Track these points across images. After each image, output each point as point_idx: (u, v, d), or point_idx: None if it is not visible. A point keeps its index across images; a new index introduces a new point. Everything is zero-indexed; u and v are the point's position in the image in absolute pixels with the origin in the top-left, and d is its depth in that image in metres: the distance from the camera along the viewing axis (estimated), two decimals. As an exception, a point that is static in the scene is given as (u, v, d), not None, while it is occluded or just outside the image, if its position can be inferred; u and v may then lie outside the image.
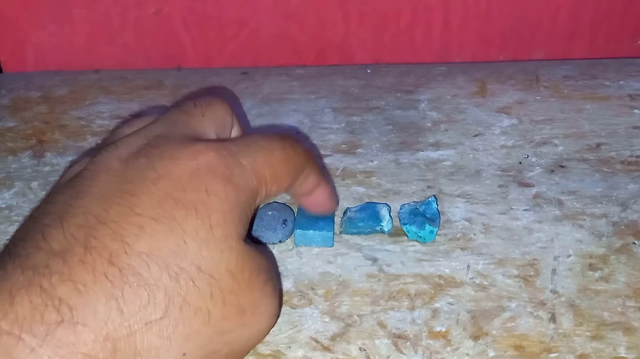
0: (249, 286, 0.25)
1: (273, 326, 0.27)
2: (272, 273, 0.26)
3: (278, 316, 0.27)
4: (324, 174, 0.32)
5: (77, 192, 0.25)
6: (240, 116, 0.43)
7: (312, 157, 0.30)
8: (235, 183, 0.26)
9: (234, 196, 0.25)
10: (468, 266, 0.33)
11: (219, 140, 0.28)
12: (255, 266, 0.26)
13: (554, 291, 0.31)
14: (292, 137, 0.30)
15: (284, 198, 0.37)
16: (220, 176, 0.25)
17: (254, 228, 0.34)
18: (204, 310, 0.24)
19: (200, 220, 0.24)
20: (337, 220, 0.35)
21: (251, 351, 0.28)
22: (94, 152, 0.29)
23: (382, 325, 0.30)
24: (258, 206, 0.28)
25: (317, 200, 0.32)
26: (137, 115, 0.30)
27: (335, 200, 0.34)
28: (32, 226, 0.24)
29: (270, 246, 0.34)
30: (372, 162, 0.39)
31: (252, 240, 0.34)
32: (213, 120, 0.29)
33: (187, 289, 0.23)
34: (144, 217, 0.24)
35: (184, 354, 0.24)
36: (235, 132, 0.31)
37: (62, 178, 0.29)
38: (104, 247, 0.23)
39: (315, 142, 0.41)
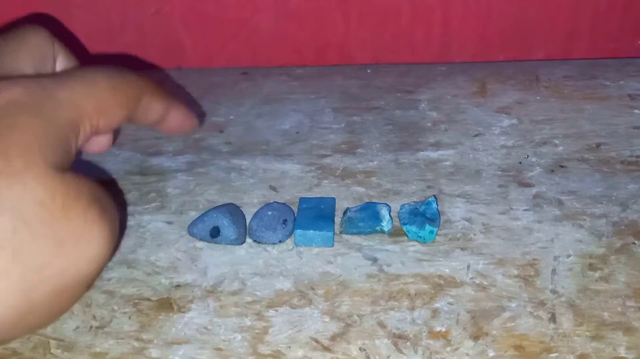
0: (65, 214, 0.23)
1: (107, 254, 0.25)
2: (100, 198, 0.25)
3: (113, 243, 0.25)
4: (172, 98, 0.30)
5: None
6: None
7: (152, 85, 0.29)
8: (45, 116, 0.24)
9: (42, 128, 0.24)
10: (468, 266, 0.33)
11: (35, 75, 0.26)
12: (72, 192, 0.24)
13: (554, 291, 0.31)
14: (124, 69, 0.28)
15: (282, 197, 0.37)
16: (25, 110, 0.24)
17: (254, 228, 0.34)
18: (9, 247, 0.22)
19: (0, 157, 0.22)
20: (337, 220, 0.35)
21: (251, 351, 0.28)
22: None
23: (382, 325, 0.30)
24: (86, 141, 0.27)
25: (172, 125, 0.31)
26: None
27: (193, 119, 0.32)
28: None
29: (270, 246, 0.34)
30: (372, 162, 0.39)
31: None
32: (29, 54, 0.28)
33: None
34: None
35: None
36: (63, 62, 0.30)
37: None
38: None
39: (315, 142, 0.41)
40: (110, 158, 0.40)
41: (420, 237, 0.34)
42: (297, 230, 0.33)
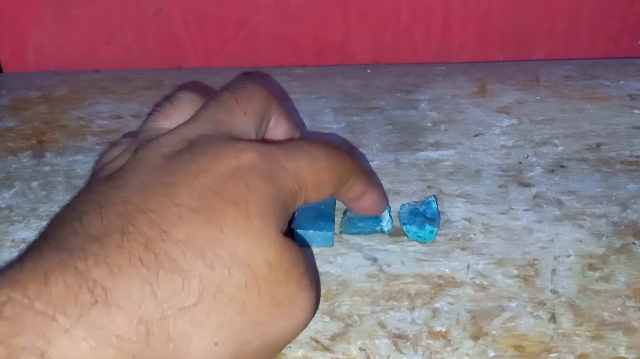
0: (285, 278, 0.25)
1: (309, 321, 0.26)
2: (309, 267, 0.26)
3: (314, 311, 0.27)
4: (372, 180, 0.32)
5: (117, 184, 0.25)
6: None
7: (359, 166, 0.31)
8: (276, 183, 0.26)
9: (274, 193, 0.25)
10: (468, 266, 0.33)
11: (264, 142, 0.28)
12: (293, 259, 0.25)
13: (554, 291, 0.31)
14: (338, 146, 0.30)
15: (284, 198, 0.37)
16: (260, 174, 0.26)
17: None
18: (238, 299, 0.24)
19: (239, 212, 0.24)
20: (337, 220, 0.35)
21: (251, 351, 0.28)
22: (132, 144, 0.29)
23: (382, 325, 0.30)
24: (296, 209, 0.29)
25: (364, 205, 0.32)
26: (168, 100, 0.30)
27: (385, 202, 0.34)
28: (69, 214, 0.24)
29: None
30: (372, 162, 0.39)
31: None
32: (254, 116, 0.29)
33: (222, 277, 0.23)
34: (183, 207, 0.24)
35: (216, 344, 0.23)
36: (279, 122, 0.31)
37: (98, 167, 0.29)
38: (141, 233, 0.23)
39: (315, 142, 0.41)
40: (110, 158, 0.40)
41: (420, 237, 0.34)
42: (297, 230, 0.33)
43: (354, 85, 0.46)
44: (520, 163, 0.39)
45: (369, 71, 0.48)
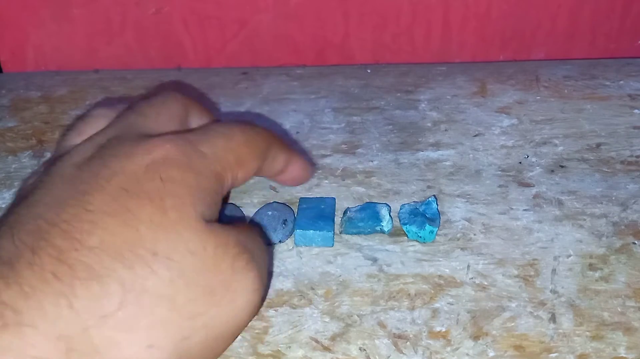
0: (215, 264, 0.24)
1: (256, 303, 0.25)
2: (248, 247, 0.25)
3: (261, 292, 0.25)
4: (292, 148, 0.31)
5: (30, 202, 0.24)
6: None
7: (276, 137, 0.30)
8: (195, 170, 0.25)
9: (193, 181, 0.25)
10: (468, 266, 0.33)
11: (176, 132, 0.27)
12: (220, 243, 0.24)
13: (554, 291, 0.31)
14: (251, 122, 0.29)
15: (282, 197, 0.37)
16: (177, 164, 0.25)
17: (254, 228, 0.34)
18: (166, 296, 0.22)
19: (154, 207, 0.23)
20: (337, 220, 0.35)
21: (251, 351, 0.28)
22: (46, 163, 0.28)
23: (382, 325, 0.30)
24: (226, 194, 0.28)
25: (292, 175, 0.32)
26: (81, 118, 0.30)
27: (311, 168, 0.33)
28: None
29: (270, 246, 0.34)
30: (372, 162, 0.39)
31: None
32: (168, 117, 0.29)
33: (144, 276, 0.22)
34: (96, 214, 0.23)
35: (151, 346, 0.22)
36: (196, 119, 0.31)
37: (18, 192, 0.28)
38: (52, 247, 0.22)
39: (315, 142, 0.41)
40: (110, 158, 0.41)
41: (420, 237, 0.34)
42: (297, 230, 0.34)
43: (354, 85, 0.46)
44: (520, 163, 0.39)
45: (368, 71, 0.48)
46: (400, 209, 0.35)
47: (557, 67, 0.48)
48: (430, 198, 0.35)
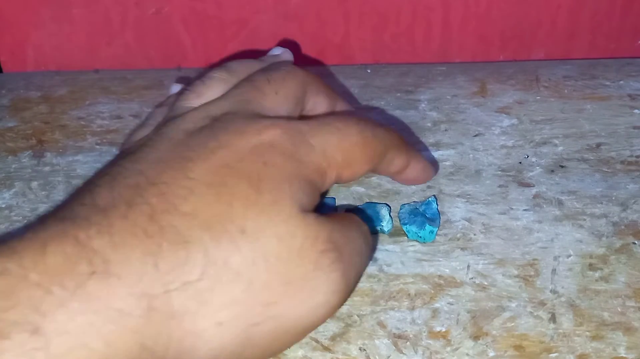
0: (299, 255, 0.23)
1: (335, 306, 0.24)
2: (340, 246, 0.24)
3: (342, 294, 0.24)
4: (413, 150, 0.31)
5: (135, 158, 0.25)
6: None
7: (397, 139, 0.29)
8: (298, 159, 0.25)
9: (294, 169, 0.24)
10: (468, 266, 0.33)
11: (291, 119, 0.27)
12: (311, 234, 0.24)
13: (554, 291, 0.31)
14: (374, 121, 0.28)
15: (284, 198, 0.37)
16: (282, 151, 0.25)
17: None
18: (245, 276, 0.22)
19: (251, 186, 0.23)
20: (337, 220, 0.35)
21: (251, 351, 0.28)
22: (160, 122, 0.28)
23: (382, 325, 0.30)
24: (327, 189, 0.27)
25: (409, 177, 0.31)
26: (200, 79, 0.30)
27: (431, 169, 0.33)
28: (84, 187, 0.24)
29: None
30: (372, 162, 0.39)
31: None
32: (285, 97, 0.28)
33: (229, 251, 0.22)
34: (195, 181, 0.23)
35: (220, 324, 0.22)
36: (316, 99, 0.30)
37: (125, 146, 0.29)
38: (148, 205, 0.22)
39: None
40: (110, 158, 0.40)
41: (420, 237, 0.34)
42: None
43: (354, 85, 0.46)
44: (520, 163, 0.39)
45: (369, 71, 0.48)
46: (400, 209, 0.35)
47: (557, 67, 0.48)
48: (430, 198, 0.36)
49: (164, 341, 0.21)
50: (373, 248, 0.31)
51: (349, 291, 0.25)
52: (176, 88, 0.33)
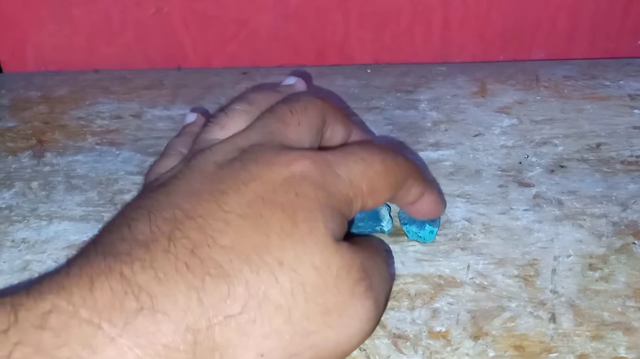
0: (335, 285, 0.24)
1: (369, 332, 0.25)
2: (370, 274, 0.25)
3: (375, 321, 0.25)
4: (429, 182, 0.31)
5: (168, 190, 0.25)
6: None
7: (415, 169, 0.30)
8: (328, 190, 0.25)
9: (325, 199, 0.25)
10: (468, 266, 0.33)
11: (316, 150, 0.28)
12: (346, 264, 0.24)
13: (554, 291, 0.31)
14: (393, 149, 0.29)
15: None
16: (312, 182, 0.25)
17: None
18: (285, 307, 0.23)
19: (286, 217, 0.24)
20: (337, 220, 0.35)
21: (251, 351, 0.28)
22: (187, 154, 0.29)
23: (382, 325, 0.30)
24: (352, 219, 0.28)
25: (422, 208, 0.32)
26: (223, 111, 0.31)
27: (443, 204, 0.33)
28: (119, 220, 0.24)
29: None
30: (372, 162, 0.39)
31: None
32: (308, 127, 0.29)
33: (268, 283, 0.23)
34: (231, 214, 0.24)
35: (262, 355, 0.23)
36: (334, 128, 0.31)
37: (152, 178, 0.29)
38: (187, 239, 0.23)
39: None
40: (110, 158, 0.41)
41: (420, 237, 0.34)
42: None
43: (354, 85, 0.46)
44: (520, 163, 0.39)
45: (369, 71, 0.48)
46: (401, 209, 0.35)
47: (557, 67, 0.48)
48: (430, 198, 0.35)
49: None
50: (393, 278, 0.32)
51: (379, 317, 0.26)
52: (192, 117, 0.34)
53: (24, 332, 0.20)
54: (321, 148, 0.29)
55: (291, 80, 0.34)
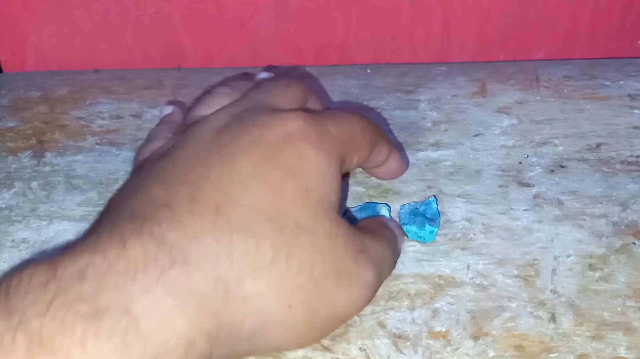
0: (344, 251, 0.26)
1: (368, 300, 0.27)
2: (367, 248, 0.27)
3: (373, 291, 0.27)
4: (391, 143, 0.33)
5: (173, 159, 0.26)
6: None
7: (381, 130, 0.32)
8: (325, 150, 0.27)
9: (325, 163, 0.27)
10: (468, 266, 0.33)
11: (304, 109, 0.29)
12: (348, 234, 0.26)
13: (554, 291, 0.31)
14: (361, 113, 0.31)
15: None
16: (311, 142, 0.27)
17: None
18: (307, 265, 0.24)
19: (297, 184, 0.25)
20: (337, 220, 0.35)
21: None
22: (178, 129, 0.30)
23: (382, 325, 0.30)
24: (344, 177, 0.30)
25: (389, 168, 0.34)
26: (208, 92, 0.32)
27: (406, 162, 0.35)
28: (130, 192, 0.25)
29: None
30: (372, 162, 0.39)
31: None
32: (292, 98, 0.30)
33: (291, 242, 0.24)
34: (244, 175, 0.25)
35: (290, 306, 0.24)
36: (314, 107, 0.32)
37: (141, 157, 0.30)
38: (209, 199, 0.24)
39: (315, 142, 0.41)
40: (110, 158, 0.41)
41: (420, 237, 0.34)
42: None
43: (354, 85, 0.46)
44: (520, 163, 0.39)
45: (369, 71, 0.48)
46: (400, 209, 0.35)
47: (557, 67, 0.48)
48: (430, 198, 0.36)
49: (239, 321, 0.23)
50: (397, 254, 0.32)
51: (376, 289, 0.28)
52: (169, 109, 0.35)
53: (64, 283, 0.21)
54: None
55: (265, 74, 0.35)
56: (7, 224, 0.36)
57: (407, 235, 0.34)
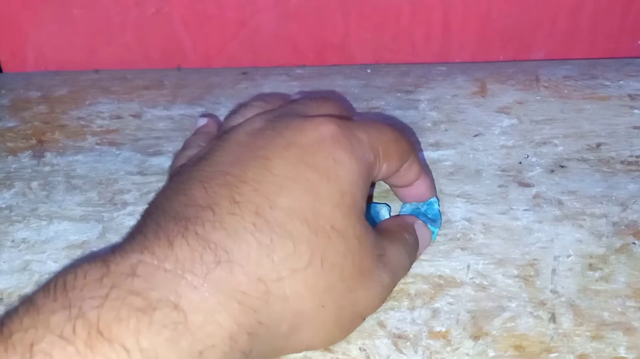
0: (369, 254, 0.27)
1: (383, 301, 0.29)
2: (386, 251, 0.28)
3: (388, 292, 0.29)
4: (425, 166, 0.33)
5: (211, 162, 0.27)
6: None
7: (414, 148, 0.32)
8: (356, 155, 0.28)
9: (357, 168, 0.27)
10: (468, 266, 0.33)
11: (336, 115, 0.30)
12: (372, 239, 0.27)
13: (554, 291, 0.31)
14: (395, 125, 0.32)
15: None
16: (343, 146, 0.27)
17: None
18: (339, 266, 0.26)
19: (332, 186, 0.26)
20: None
21: (251, 351, 0.28)
22: (200, 141, 0.32)
23: (382, 325, 0.30)
24: (373, 184, 0.30)
25: (417, 191, 0.34)
26: (243, 105, 0.33)
27: (434, 190, 0.35)
28: (169, 195, 0.26)
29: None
30: (372, 162, 0.39)
31: None
32: (326, 111, 0.31)
33: (326, 244, 0.25)
34: (281, 177, 0.26)
35: (323, 306, 0.25)
36: None
37: (178, 164, 0.31)
38: (249, 201, 0.25)
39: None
40: (110, 158, 0.41)
41: (420, 237, 0.34)
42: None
43: (354, 85, 0.46)
44: (520, 163, 0.39)
45: (369, 71, 0.48)
46: (401, 209, 0.35)
47: (557, 67, 0.48)
48: (432, 199, 0.35)
49: (277, 318, 0.24)
50: (414, 257, 0.33)
51: (391, 290, 0.30)
52: (203, 121, 0.36)
53: (117, 278, 0.22)
54: None
55: (300, 95, 0.36)
56: (7, 224, 0.36)
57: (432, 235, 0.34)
